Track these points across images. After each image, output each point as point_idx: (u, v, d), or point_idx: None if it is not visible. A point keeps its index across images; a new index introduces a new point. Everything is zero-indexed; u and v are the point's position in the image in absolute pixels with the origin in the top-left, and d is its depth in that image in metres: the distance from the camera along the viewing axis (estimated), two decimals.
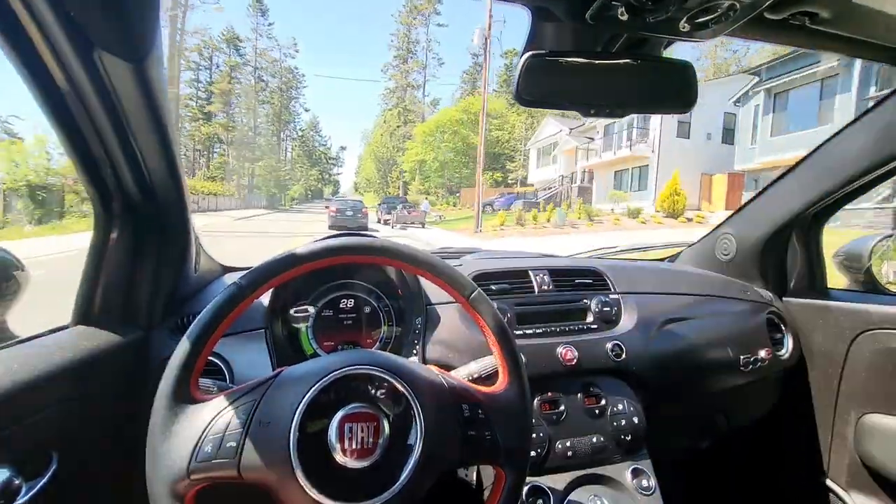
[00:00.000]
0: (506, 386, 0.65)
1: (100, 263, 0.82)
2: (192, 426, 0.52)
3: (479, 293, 0.67)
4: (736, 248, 1.39)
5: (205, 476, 0.50)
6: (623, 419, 1.00)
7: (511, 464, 0.61)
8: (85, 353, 0.75)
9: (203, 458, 0.51)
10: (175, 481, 0.50)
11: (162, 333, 0.90)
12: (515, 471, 0.62)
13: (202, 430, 0.52)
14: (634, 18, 0.63)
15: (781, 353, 1.26)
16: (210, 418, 0.53)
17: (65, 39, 0.55)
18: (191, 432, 0.52)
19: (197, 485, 0.51)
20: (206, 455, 0.51)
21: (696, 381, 1.17)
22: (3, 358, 0.66)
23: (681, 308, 1.20)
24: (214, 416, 0.53)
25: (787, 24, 0.68)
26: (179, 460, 0.51)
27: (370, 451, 0.52)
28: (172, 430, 0.52)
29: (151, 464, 0.52)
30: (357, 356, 0.60)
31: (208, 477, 0.51)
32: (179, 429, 0.52)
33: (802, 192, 1.21)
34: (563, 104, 0.79)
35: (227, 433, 0.52)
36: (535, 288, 1.11)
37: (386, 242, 0.66)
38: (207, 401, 0.55)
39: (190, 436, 0.52)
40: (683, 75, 0.75)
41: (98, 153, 0.72)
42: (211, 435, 0.52)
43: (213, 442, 0.51)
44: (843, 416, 1.18)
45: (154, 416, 0.53)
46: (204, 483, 0.51)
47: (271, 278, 0.61)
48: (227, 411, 0.54)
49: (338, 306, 1.00)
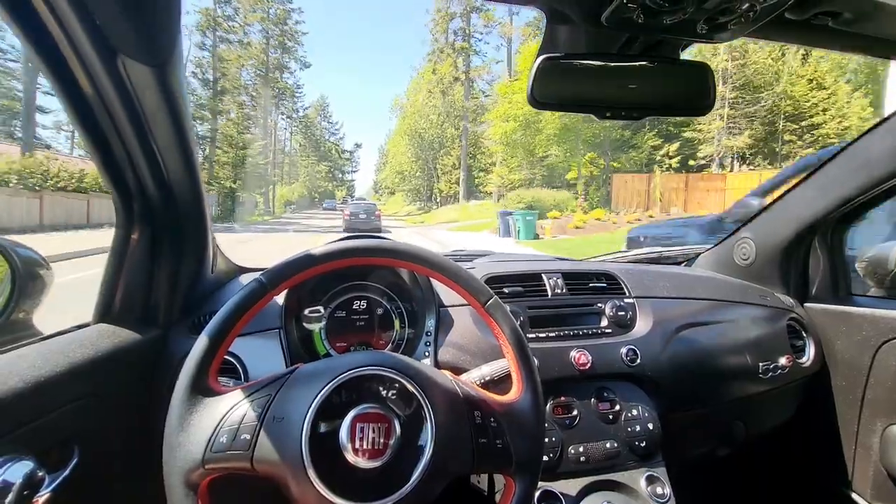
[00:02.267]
0: (519, 395, 0.65)
1: (121, 264, 0.84)
2: (208, 417, 0.54)
3: (496, 300, 0.67)
4: (756, 253, 1.36)
5: (219, 466, 0.52)
6: (637, 425, 0.98)
7: (522, 474, 0.61)
8: (105, 351, 0.77)
9: (218, 448, 0.52)
10: (190, 470, 0.52)
11: (180, 332, 0.92)
12: (526, 481, 0.61)
13: (218, 421, 0.53)
14: (651, 20, 0.62)
15: (802, 361, 1.22)
16: (226, 410, 0.54)
17: (90, 47, 0.57)
18: (207, 423, 0.53)
19: (211, 474, 0.52)
20: (220, 446, 0.52)
21: (713, 387, 1.15)
22: (28, 353, 0.68)
23: (698, 313, 1.18)
24: (230, 408, 0.55)
25: (809, 25, 0.66)
26: (195, 450, 0.52)
27: (381, 452, 0.53)
28: (189, 421, 0.54)
29: (168, 453, 0.53)
30: (369, 357, 0.60)
31: (222, 467, 0.52)
32: (196, 419, 0.54)
33: (826, 195, 1.18)
34: (578, 107, 0.78)
35: (242, 426, 0.53)
36: (549, 291, 1.10)
37: (403, 245, 0.67)
38: (224, 393, 0.56)
39: (206, 427, 0.53)
40: (701, 77, 0.74)
41: (120, 156, 0.74)
42: (226, 427, 0.53)
43: (229, 434, 0.53)
44: (868, 426, 1.15)
45: (172, 407, 0.55)
46: (218, 473, 0.52)
47: (291, 276, 0.62)
48: (242, 404, 0.55)
49: (351, 307, 1.01)
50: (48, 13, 0.54)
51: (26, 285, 0.81)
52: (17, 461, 0.57)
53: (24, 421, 0.61)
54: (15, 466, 0.57)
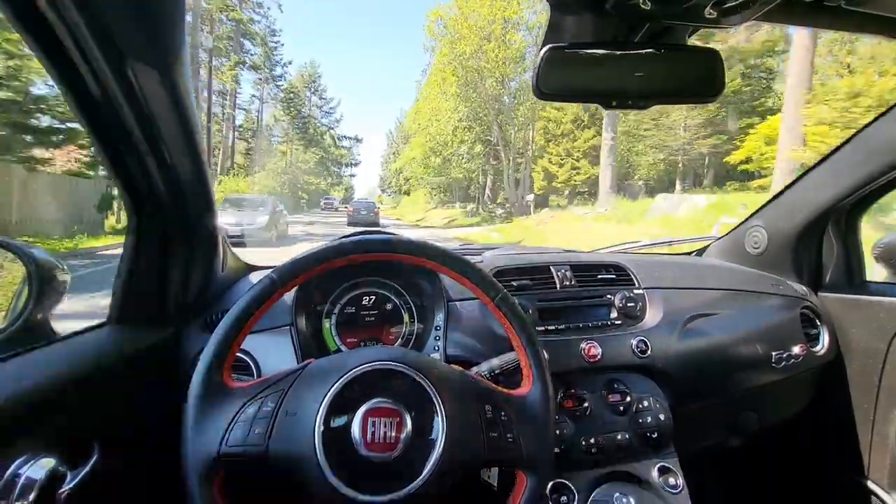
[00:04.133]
0: (529, 389, 0.65)
1: (133, 264, 0.85)
2: (223, 413, 0.55)
3: (505, 294, 0.68)
4: (767, 241, 1.34)
5: (234, 460, 0.53)
6: (649, 416, 0.98)
7: (533, 468, 0.61)
8: (120, 350, 0.79)
9: (233, 442, 0.53)
10: (206, 463, 0.53)
11: (193, 330, 0.94)
12: (537, 475, 0.61)
13: (233, 416, 0.55)
14: (657, 6, 0.60)
15: (817, 350, 1.21)
16: (240, 405, 0.56)
17: (98, 51, 0.58)
18: (222, 418, 0.55)
19: (227, 468, 0.53)
20: (236, 440, 0.53)
21: (725, 378, 1.14)
22: (46, 355, 0.70)
23: (709, 303, 1.17)
24: (244, 403, 0.56)
25: (821, 6, 0.65)
26: (210, 444, 0.53)
27: (392, 446, 0.53)
28: (205, 417, 0.55)
29: (185, 448, 0.55)
30: (379, 353, 0.61)
31: (237, 461, 0.53)
32: (211, 415, 0.55)
33: (839, 181, 1.15)
34: (584, 97, 0.77)
35: (256, 420, 0.54)
36: (557, 283, 1.10)
37: (412, 240, 0.67)
38: (238, 389, 0.58)
39: (221, 421, 0.54)
40: (710, 63, 0.72)
41: (131, 159, 0.75)
42: (241, 421, 0.54)
43: (243, 428, 0.54)
44: (885, 414, 1.13)
45: (188, 403, 0.56)
46: (233, 466, 0.54)
47: (302, 273, 0.63)
48: (256, 400, 0.56)
49: (360, 303, 1.01)
50: (56, 19, 0.55)
51: (43, 288, 0.83)
52: (39, 459, 0.59)
53: (45, 420, 0.63)
54: (38, 464, 0.58)
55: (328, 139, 41.04)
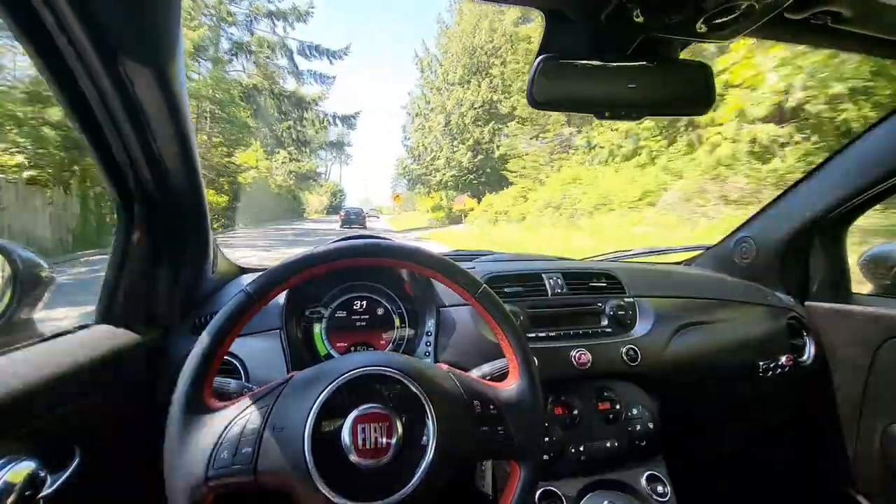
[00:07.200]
0: (517, 380, 0.66)
1: (122, 264, 0.84)
2: (207, 435, 0.53)
3: (486, 289, 0.68)
4: (756, 252, 1.36)
5: (222, 482, 0.51)
6: (638, 424, 0.98)
7: (525, 457, 0.62)
8: (106, 351, 0.77)
9: (220, 465, 0.52)
10: (194, 489, 0.51)
11: (181, 332, 0.92)
12: (530, 464, 0.62)
13: (217, 437, 0.53)
14: (650, 20, 0.62)
15: (803, 360, 1.22)
16: (225, 426, 0.54)
17: (91, 48, 0.57)
18: (207, 441, 0.53)
19: (215, 491, 0.52)
20: (222, 462, 0.52)
21: (713, 386, 1.15)
22: (30, 355, 0.69)
23: (698, 312, 1.18)
24: (229, 423, 0.54)
25: (809, 25, 0.66)
26: (196, 468, 0.51)
27: (384, 451, 0.53)
28: (188, 440, 0.53)
29: (169, 472, 0.53)
30: (369, 357, 0.61)
31: (226, 483, 0.52)
32: (195, 438, 0.53)
33: (826, 194, 1.17)
34: (577, 107, 0.78)
35: (243, 439, 0.53)
36: (549, 291, 1.11)
37: (393, 244, 0.67)
38: (221, 409, 0.56)
39: (206, 444, 0.53)
40: (701, 76, 0.74)
41: (121, 157, 0.75)
42: (226, 442, 0.53)
43: (229, 449, 0.52)
44: (869, 425, 1.15)
45: (170, 426, 0.54)
46: (222, 490, 0.52)
47: (279, 284, 0.61)
48: (241, 418, 0.55)
49: (351, 308, 1.01)
50: (48, 15, 0.54)
51: (28, 287, 0.81)
52: (19, 461, 0.57)
53: (26, 422, 0.61)
54: (17, 467, 0.57)
55: (306, 111, 27.12)
